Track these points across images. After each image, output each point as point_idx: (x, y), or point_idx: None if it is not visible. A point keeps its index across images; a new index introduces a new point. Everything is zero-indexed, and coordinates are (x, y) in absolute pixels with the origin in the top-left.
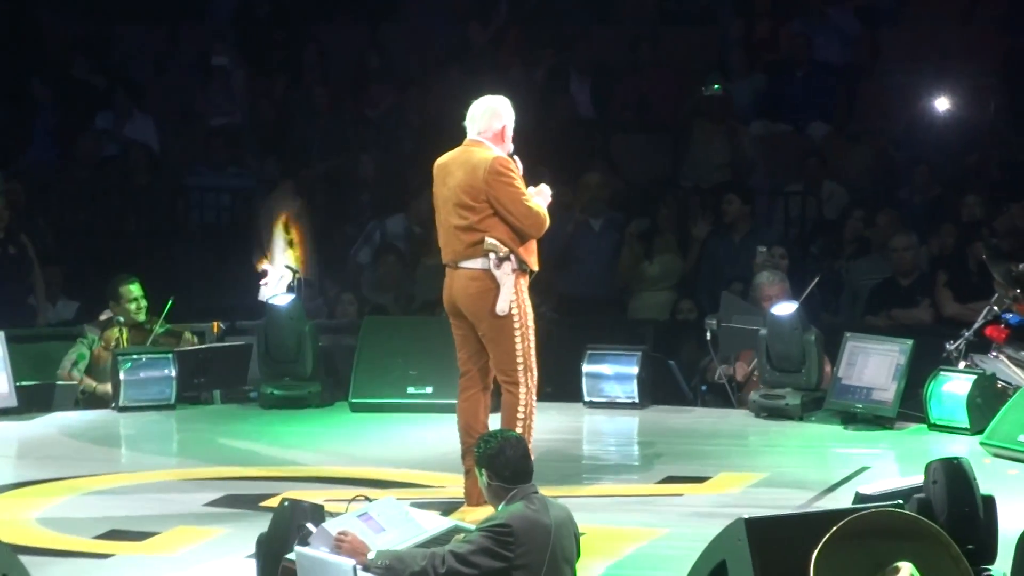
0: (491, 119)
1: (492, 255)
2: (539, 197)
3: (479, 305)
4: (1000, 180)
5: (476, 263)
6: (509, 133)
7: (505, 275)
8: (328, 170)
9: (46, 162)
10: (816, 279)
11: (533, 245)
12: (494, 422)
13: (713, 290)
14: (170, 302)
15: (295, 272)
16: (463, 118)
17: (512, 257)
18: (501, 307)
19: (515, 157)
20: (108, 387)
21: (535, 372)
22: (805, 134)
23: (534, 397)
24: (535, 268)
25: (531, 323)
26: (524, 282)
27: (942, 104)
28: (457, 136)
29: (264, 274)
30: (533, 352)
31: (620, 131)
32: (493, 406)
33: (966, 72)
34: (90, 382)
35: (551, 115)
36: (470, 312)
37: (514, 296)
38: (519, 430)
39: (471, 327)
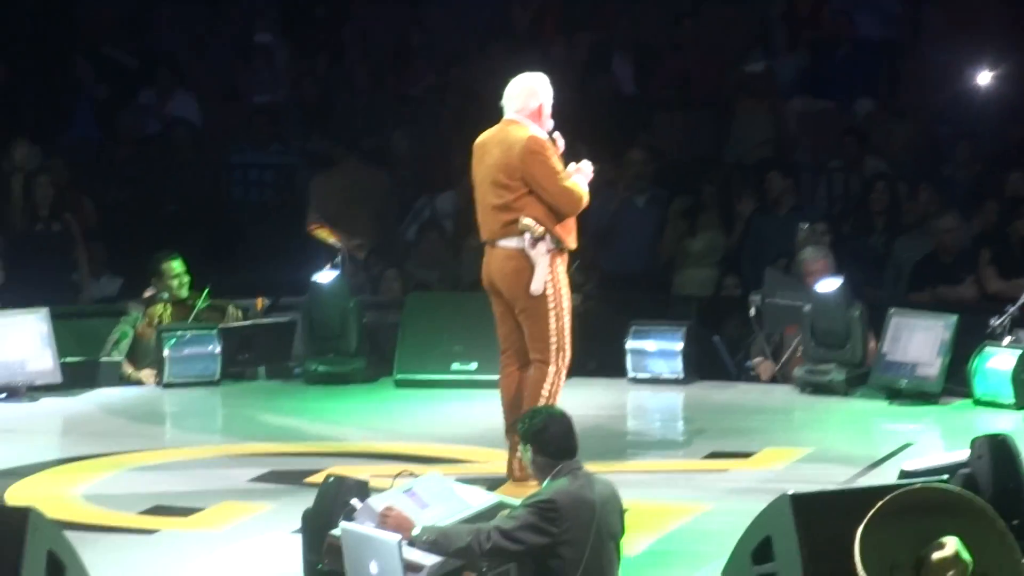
0: (528, 98)
1: (528, 234)
2: (579, 175)
3: (515, 284)
4: None
5: (512, 242)
6: (547, 111)
7: (540, 255)
8: (368, 148)
9: (89, 140)
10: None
11: (571, 223)
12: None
13: (757, 266)
14: (207, 290)
15: (339, 249)
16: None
17: (548, 236)
18: (536, 287)
19: (556, 135)
20: (145, 374)
21: (568, 352)
22: (849, 111)
23: (563, 378)
24: (573, 246)
25: (567, 303)
26: (561, 261)
27: (984, 79)
28: (498, 114)
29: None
30: (568, 332)
31: (662, 108)
32: None
33: (1008, 46)
34: (127, 368)
35: (593, 93)
36: (506, 290)
37: (549, 276)
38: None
39: (508, 305)
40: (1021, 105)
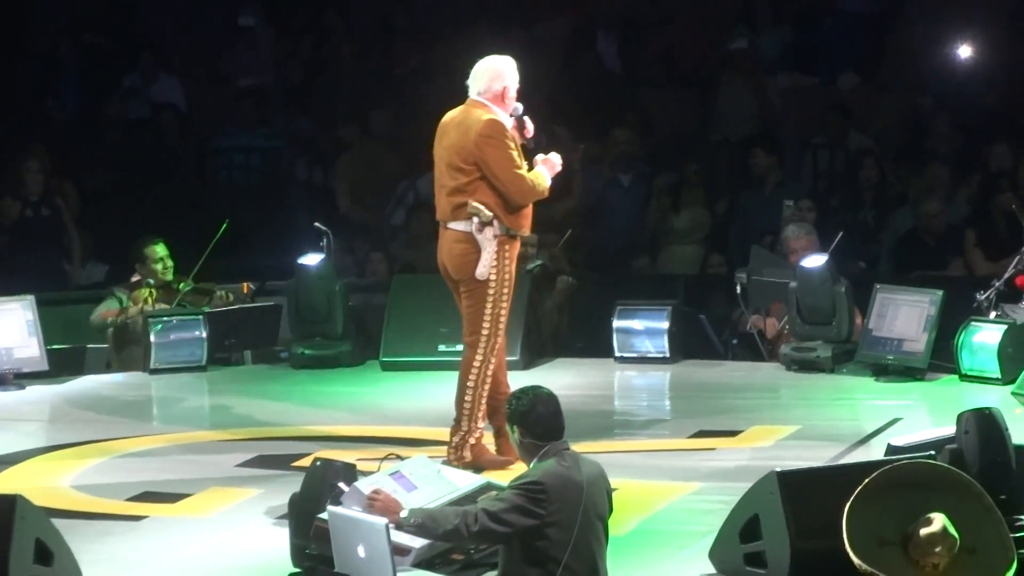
0: (491, 80)
1: (476, 219)
2: (544, 166)
3: (460, 266)
4: None
5: (461, 225)
6: (512, 94)
7: (487, 240)
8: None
9: (73, 125)
10: (839, 235)
11: (526, 210)
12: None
13: (743, 244)
14: (225, 224)
15: (325, 232)
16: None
17: (496, 222)
18: (480, 271)
19: (525, 119)
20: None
21: (499, 341)
22: (833, 86)
23: (490, 366)
24: (526, 234)
25: (507, 290)
26: (511, 247)
27: (968, 52)
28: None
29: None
30: (503, 321)
31: (647, 86)
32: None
33: (993, 19)
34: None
35: (578, 71)
36: (453, 272)
37: (495, 262)
38: (468, 394)
39: (456, 286)
40: (1006, 78)
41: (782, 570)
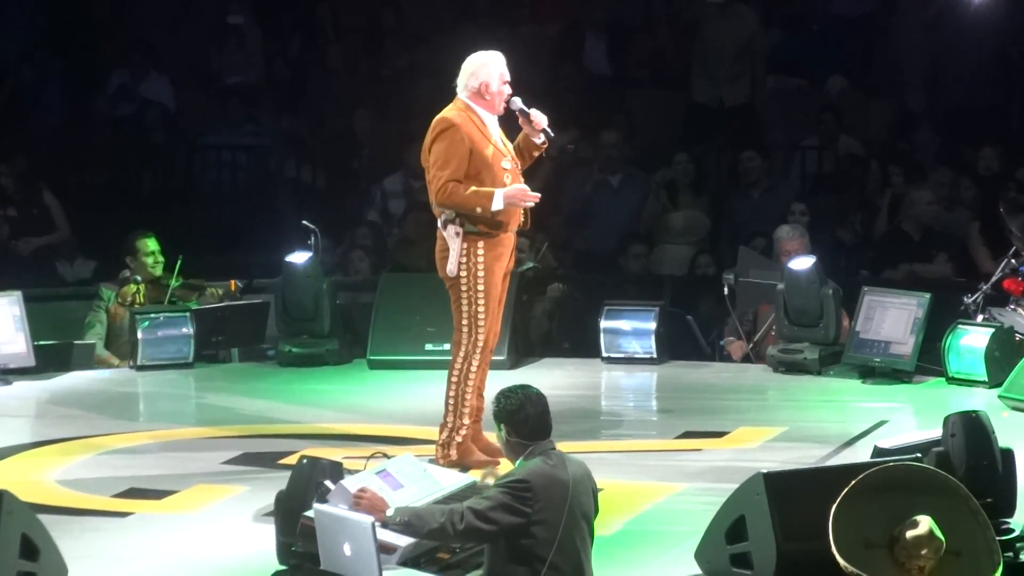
0: (469, 77)
1: (443, 216)
2: (508, 191)
3: (439, 264)
4: (1020, 131)
5: (439, 223)
6: (494, 88)
7: (451, 237)
8: (336, 129)
9: (60, 122)
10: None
11: (507, 210)
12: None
13: (732, 245)
14: (180, 260)
15: (313, 230)
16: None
17: (457, 219)
18: (450, 268)
19: (532, 111)
20: (116, 361)
21: (480, 339)
22: (822, 89)
23: (473, 364)
24: (501, 233)
25: (482, 288)
26: (485, 246)
27: (959, 55)
28: None
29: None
30: (482, 318)
31: (635, 87)
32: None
33: (980, 22)
34: (103, 353)
35: (566, 72)
36: (439, 270)
37: (464, 259)
38: (451, 390)
39: None
40: (997, 81)
41: (768, 571)
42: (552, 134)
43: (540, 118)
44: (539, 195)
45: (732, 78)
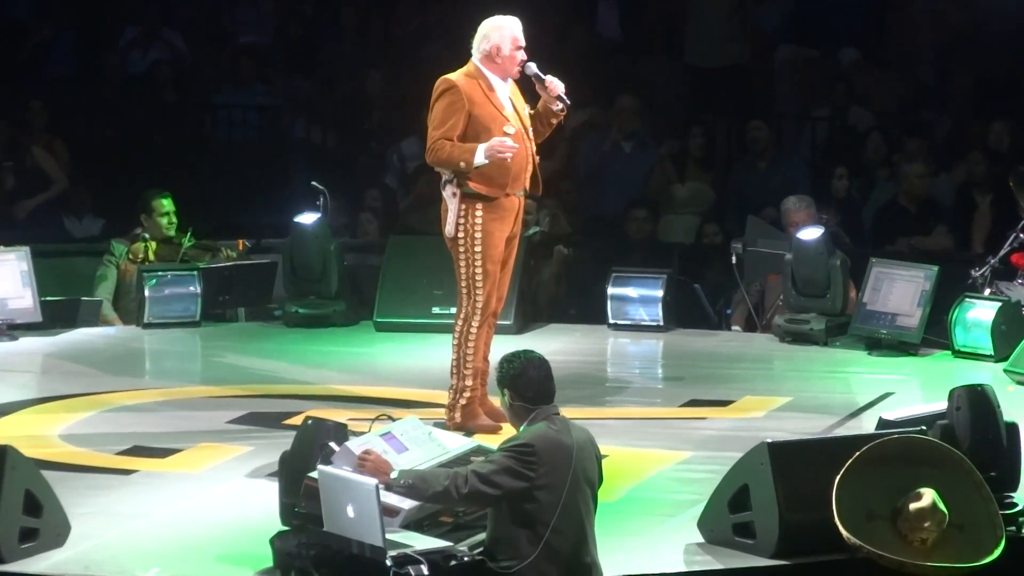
0: (481, 40)
1: (444, 176)
2: (484, 144)
3: (442, 224)
4: None
5: (441, 184)
6: (505, 51)
7: (449, 197)
8: (348, 90)
9: (72, 78)
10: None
11: (495, 172)
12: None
13: (739, 214)
14: (190, 231)
15: (322, 190)
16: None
17: (455, 180)
18: (448, 229)
19: (548, 77)
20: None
21: (479, 300)
22: (834, 59)
23: (473, 325)
24: (500, 195)
25: (479, 249)
26: (484, 208)
27: (972, 29)
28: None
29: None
30: (479, 280)
31: (647, 54)
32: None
33: None
34: (110, 314)
35: (578, 38)
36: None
37: (462, 220)
38: (454, 352)
39: None
40: (1011, 54)
41: (771, 541)
42: (568, 101)
43: (556, 84)
44: (516, 145)
45: (725, 39)
